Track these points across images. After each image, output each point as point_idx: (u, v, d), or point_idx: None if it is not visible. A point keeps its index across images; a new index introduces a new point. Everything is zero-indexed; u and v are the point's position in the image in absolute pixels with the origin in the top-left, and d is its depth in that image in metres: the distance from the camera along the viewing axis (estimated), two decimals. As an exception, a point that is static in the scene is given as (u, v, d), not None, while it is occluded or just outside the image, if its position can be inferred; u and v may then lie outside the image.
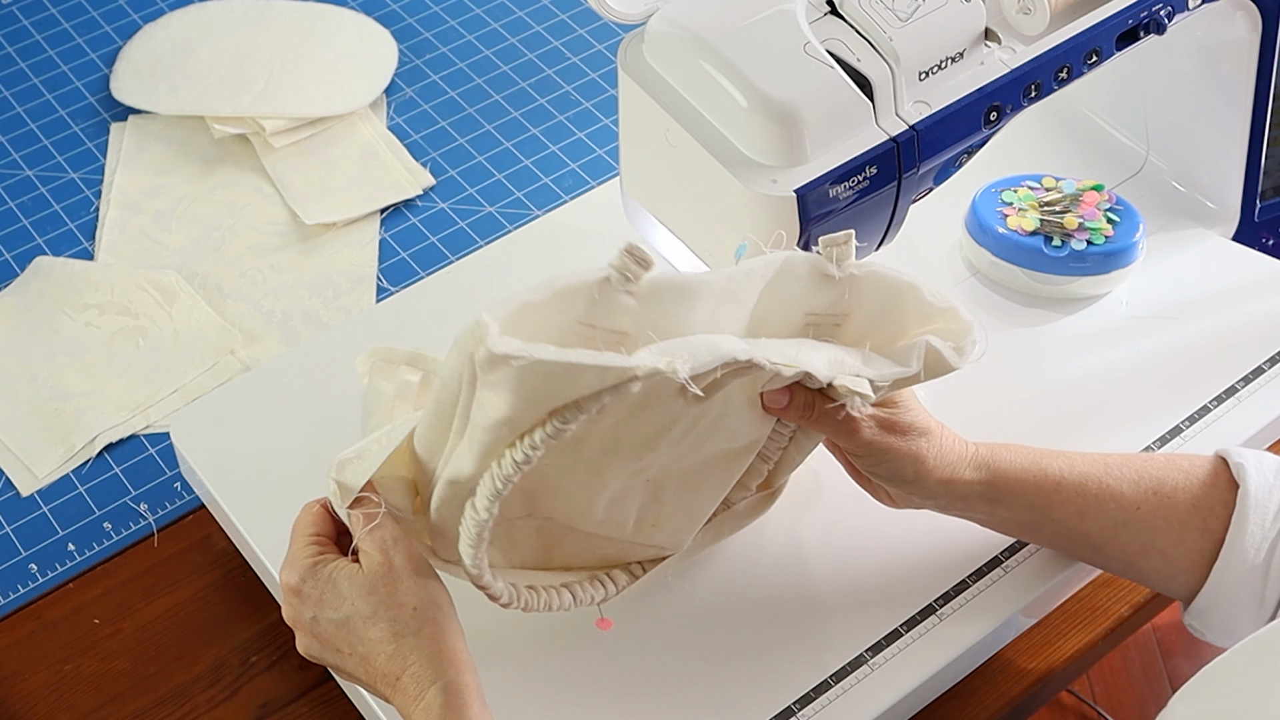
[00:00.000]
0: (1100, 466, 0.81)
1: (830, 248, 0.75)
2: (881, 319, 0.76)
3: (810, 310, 0.76)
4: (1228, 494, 0.80)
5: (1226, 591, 0.79)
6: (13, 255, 1.16)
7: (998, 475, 0.81)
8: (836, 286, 0.75)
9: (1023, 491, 0.81)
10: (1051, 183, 1.04)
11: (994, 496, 0.81)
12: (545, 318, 0.70)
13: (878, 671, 0.83)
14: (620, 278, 0.70)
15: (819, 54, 0.81)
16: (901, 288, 0.76)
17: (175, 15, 1.33)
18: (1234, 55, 0.99)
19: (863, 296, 0.76)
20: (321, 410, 0.96)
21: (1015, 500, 0.81)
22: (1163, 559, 0.81)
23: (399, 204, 1.19)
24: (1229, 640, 0.81)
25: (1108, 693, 1.75)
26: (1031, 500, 0.81)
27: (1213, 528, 0.79)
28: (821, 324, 0.77)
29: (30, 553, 0.98)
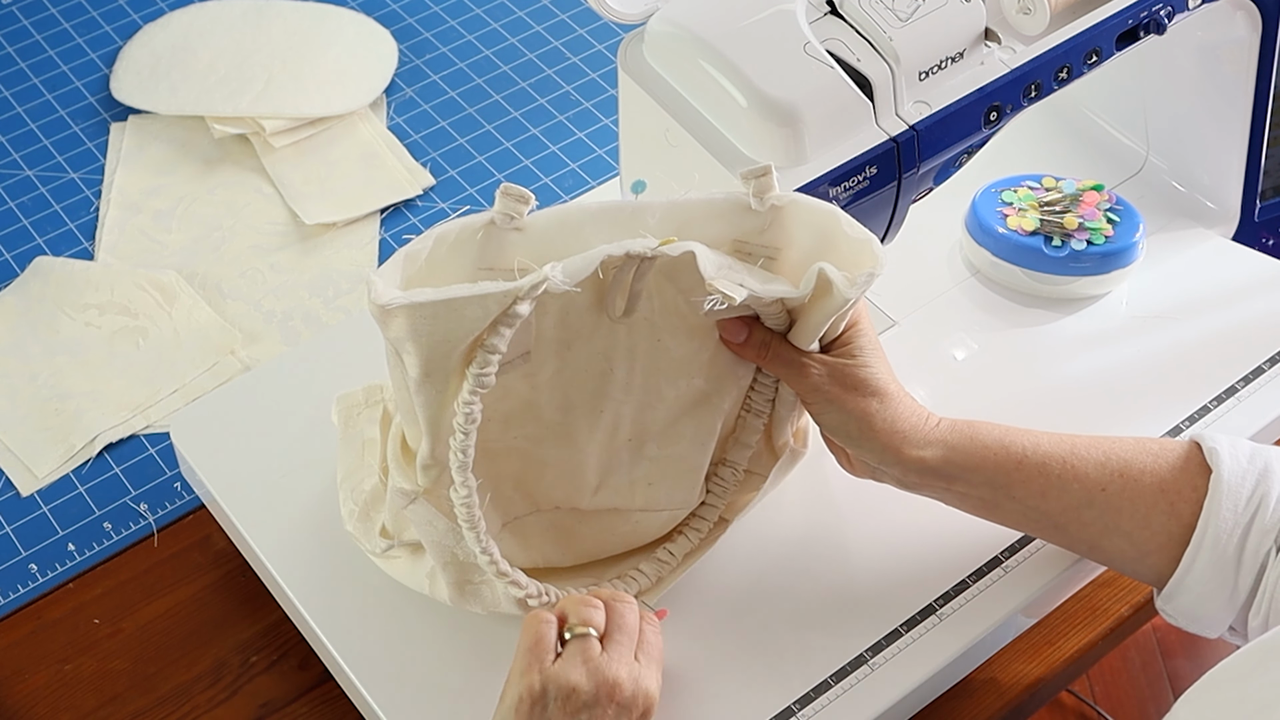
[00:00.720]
0: (1066, 447, 0.80)
1: (750, 180, 0.75)
2: (816, 251, 0.76)
3: (736, 237, 0.77)
4: (1198, 478, 0.78)
5: (1198, 577, 0.78)
6: (13, 255, 1.16)
7: (955, 452, 0.80)
8: (760, 216, 0.76)
9: (982, 469, 0.80)
10: (1051, 183, 1.04)
11: (951, 474, 0.80)
12: (446, 271, 0.73)
13: (878, 671, 0.83)
14: (505, 218, 0.74)
15: (819, 54, 0.81)
16: (824, 215, 0.76)
17: (175, 15, 1.33)
18: (1234, 55, 0.99)
19: (792, 229, 0.77)
20: (321, 410, 0.96)
21: (974, 478, 0.80)
22: (1128, 540, 0.80)
23: (399, 204, 1.19)
24: (1200, 627, 0.81)
25: (1108, 693, 1.75)
26: (991, 478, 0.80)
27: (1180, 511, 0.78)
28: (754, 253, 0.77)
29: (30, 553, 0.98)
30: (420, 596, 0.85)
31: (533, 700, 0.73)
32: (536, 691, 0.73)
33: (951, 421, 0.81)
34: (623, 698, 0.74)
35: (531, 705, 0.73)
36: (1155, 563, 0.80)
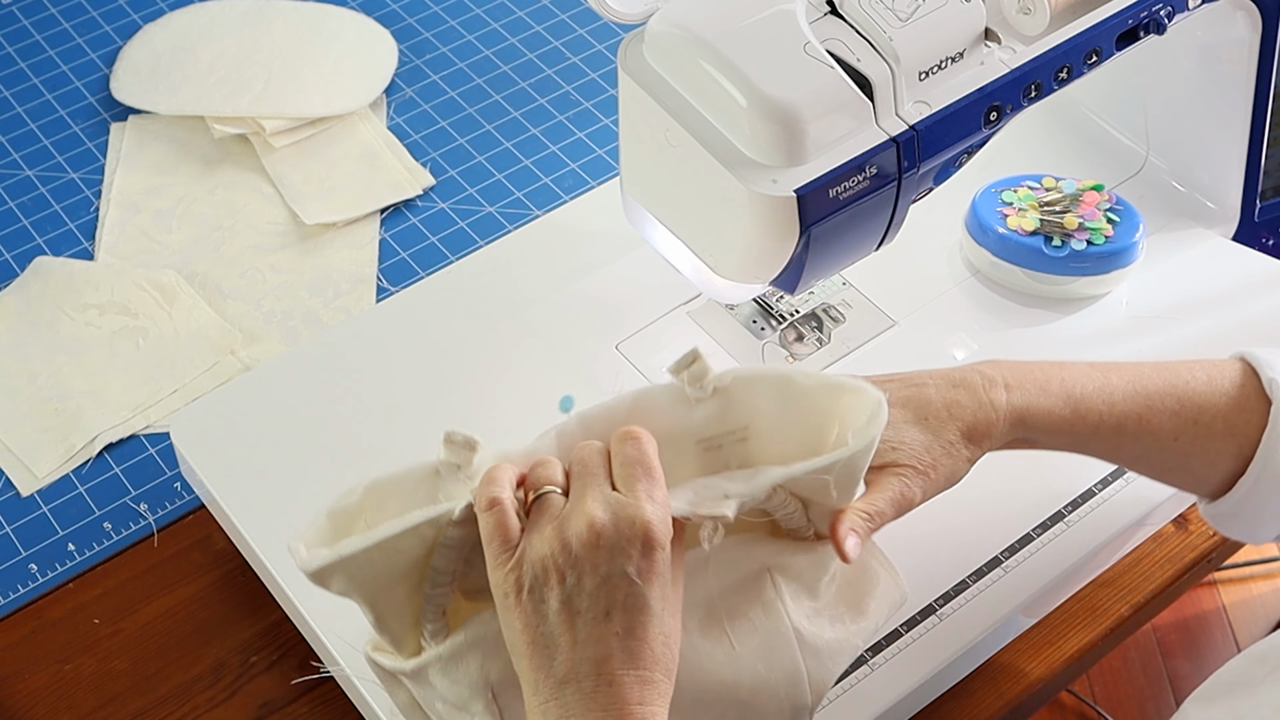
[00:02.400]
0: (1141, 402, 0.79)
1: (681, 371, 0.72)
2: (787, 415, 0.72)
3: (700, 437, 0.73)
4: (1259, 408, 0.80)
5: (1254, 502, 0.80)
6: (13, 255, 1.16)
7: (1031, 430, 0.79)
8: (710, 404, 0.72)
9: (1057, 437, 0.79)
10: (1051, 183, 1.04)
11: (1025, 442, 0.80)
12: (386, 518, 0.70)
13: (878, 671, 0.83)
14: (450, 467, 0.70)
15: (819, 54, 0.81)
16: (775, 380, 0.72)
17: (175, 15, 1.33)
18: (1234, 55, 0.99)
19: (750, 401, 0.73)
20: (321, 410, 0.96)
21: (1047, 443, 0.80)
22: (1192, 477, 0.82)
23: (399, 204, 1.19)
24: (1247, 537, 0.84)
25: (1108, 693, 1.75)
26: (1065, 443, 0.80)
27: (1244, 447, 0.80)
28: (725, 444, 0.73)
29: (30, 553, 0.98)
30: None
31: (517, 594, 0.66)
32: (514, 585, 0.66)
33: (1022, 393, 0.78)
34: (607, 538, 0.65)
35: (518, 601, 0.66)
36: (1212, 488, 0.82)
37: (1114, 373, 0.80)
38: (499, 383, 0.97)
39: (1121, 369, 0.81)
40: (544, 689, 0.66)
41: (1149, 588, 0.92)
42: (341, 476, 0.92)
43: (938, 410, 0.77)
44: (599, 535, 0.65)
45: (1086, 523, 0.90)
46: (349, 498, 0.71)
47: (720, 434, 0.73)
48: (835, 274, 0.98)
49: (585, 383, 0.98)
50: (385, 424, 0.95)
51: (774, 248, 0.83)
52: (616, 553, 0.65)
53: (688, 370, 0.72)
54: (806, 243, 0.82)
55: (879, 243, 0.88)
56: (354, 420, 0.96)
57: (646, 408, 0.72)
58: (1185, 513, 0.96)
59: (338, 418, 0.96)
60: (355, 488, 0.71)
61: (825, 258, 0.85)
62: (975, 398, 0.77)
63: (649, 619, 0.66)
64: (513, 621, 0.67)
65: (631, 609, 0.65)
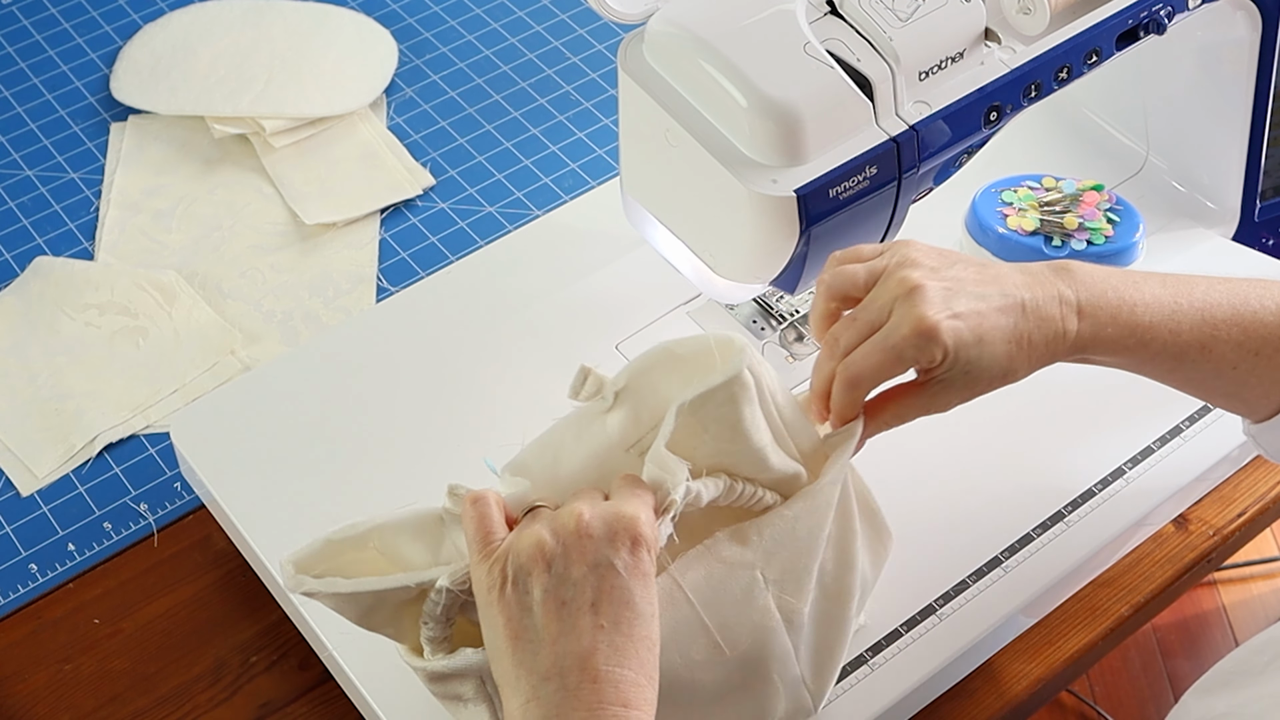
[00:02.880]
0: (1207, 332, 0.78)
1: (578, 392, 0.72)
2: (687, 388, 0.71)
3: (626, 445, 0.73)
4: None
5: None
6: (13, 255, 1.16)
7: (1090, 355, 0.77)
8: (620, 410, 0.73)
9: (1114, 360, 0.78)
10: (1051, 183, 1.04)
11: (1079, 360, 0.78)
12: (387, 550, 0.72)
13: (878, 671, 0.83)
14: (454, 516, 0.71)
15: (819, 54, 0.81)
16: (660, 360, 0.72)
17: (175, 15, 1.33)
18: (1234, 55, 0.99)
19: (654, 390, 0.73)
20: (321, 410, 0.96)
21: (1101, 363, 0.79)
22: (1243, 403, 0.81)
23: (399, 204, 1.19)
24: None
25: (1108, 693, 1.75)
26: (1121, 364, 0.79)
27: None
28: (649, 441, 0.72)
29: (30, 553, 0.98)
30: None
31: (500, 588, 0.65)
32: (498, 577, 0.65)
33: (1091, 321, 0.76)
34: (596, 530, 0.65)
35: (501, 595, 0.65)
36: (1260, 414, 0.81)
37: (1184, 296, 0.78)
38: (499, 383, 0.97)
39: (1192, 291, 0.78)
40: (524, 686, 0.64)
41: (1149, 588, 0.92)
42: (341, 476, 0.93)
43: (1025, 333, 0.74)
44: (588, 526, 0.65)
45: (1086, 523, 0.90)
46: (351, 530, 0.71)
47: (642, 434, 0.73)
48: (835, 274, 0.98)
49: (585, 383, 0.98)
50: (385, 424, 0.95)
51: (774, 248, 0.83)
52: (605, 545, 0.65)
53: (583, 388, 0.72)
54: (807, 243, 0.82)
55: (879, 243, 0.88)
56: (354, 420, 0.96)
57: (568, 440, 0.73)
58: (1185, 513, 0.96)
59: (338, 418, 0.96)
60: (360, 523, 0.71)
61: (825, 258, 0.85)
62: (1051, 327, 0.75)
63: (635, 617, 0.65)
64: (494, 618, 0.66)
65: (619, 603, 0.65)
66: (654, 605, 0.66)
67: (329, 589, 0.69)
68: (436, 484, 0.92)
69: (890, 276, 0.73)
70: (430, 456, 0.94)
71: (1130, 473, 0.92)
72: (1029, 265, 0.77)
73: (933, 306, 0.72)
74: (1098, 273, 0.77)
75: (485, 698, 0.72)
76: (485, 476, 0.87)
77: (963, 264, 0.75)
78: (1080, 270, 0.77)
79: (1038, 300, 0.75)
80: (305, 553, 0.71)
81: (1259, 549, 1.88)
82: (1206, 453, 0.94)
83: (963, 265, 0.75)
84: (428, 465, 0.93)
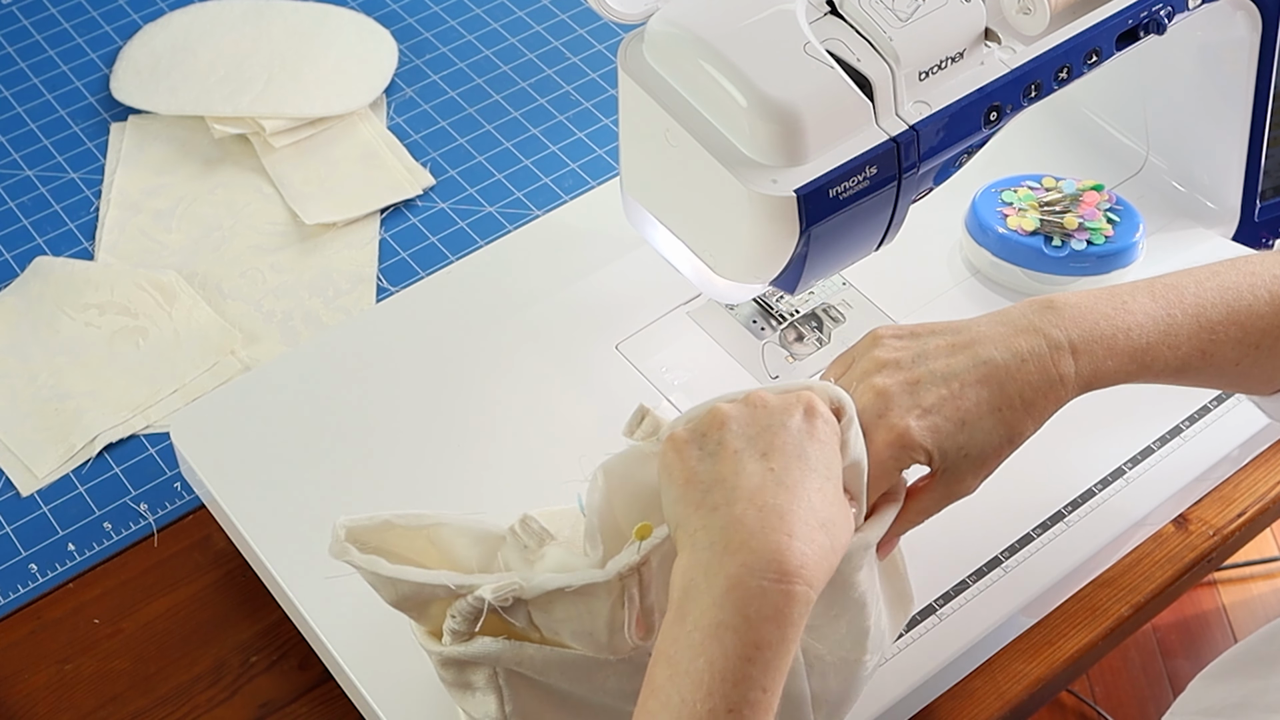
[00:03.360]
0: (1205, 338, 0.76)
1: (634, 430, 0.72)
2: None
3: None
4: None
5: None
6: (13, 255, 1.16)
7: (1093, 389, 0.76)
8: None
9: (1122, 382, 0.77)
10: (1051, 183, 1.04)
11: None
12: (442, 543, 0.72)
13: (878, 671, 0.83)
14: (518, 542, 0.72)
15: (819, 54, 0.81)
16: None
17: (175, 15, 1.33)
18: (1234, 55, 0.99)
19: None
20: (321, 410, 0.96)
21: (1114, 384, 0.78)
22: (1247, 389, 0.80)
23: (399, 204, 1.19)
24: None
25: (1108, 693, 1.75)
26: (1129, 381, 0.78)
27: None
28: None
29: (30, 553, 0.98)
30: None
31: (682, 444, 0.68)
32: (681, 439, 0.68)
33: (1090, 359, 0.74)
34: (771, 402, 0.68)
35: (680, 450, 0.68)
36: (1266, 391, 0.80)
37: (1176, 305, 0.76)
38: (499, 383, 0.97)
39: (1183, 298, 0.77)
40: (693, 521, 0.65)
41: (1149, 588, 0.92)
42: (341, 476, 0.93)
43: (1011, 397, 0.73)
44: (762, 398, 0.68)
45: (1086, 523, 0.90)
46: (416, 520, 0.71)
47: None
48: (835, 274, 0.98)
49: (585, 383, 0.98)
50: (385, 424, 0.95)
51: (774, 248, 0.83)
52: (778, 411, 0.68)
53: (639, 428, 0.72)
54: (806, 243, 0.82)
55: (879, 243, 0.88)
56: (354, 420, 0.96)
57: (625, 478, 0.72)
58: (1185, 513, 0.96)
59: (338, 418, 0.96)
60: (426, 515, 0.72)
61: (825, 258, 0.85)
62: (1044, 374, 0.73)
63: (806, 470, 0.66)
64: (672, 470, 0.67)
65: (790, 454, 0.66)
66: (830, 465, 0.67)
67: (371, 567, 0.69)
68: (436, 483, 0.92)
69: (859, 385, 0.73)
70: (430, 456, 0.94)
71: (1130, 473, 0.92)
72: (1009, 314, 0.75)
73: (897, 412, 0.71)
74: (1084, 302, 0.76)
75: (495, 688, 0.72)
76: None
77: (935, 337, 0.74)
78: (1066, 305, 0.75)
79: (1020, 355, 0.73)
80: (361, 524, 0.71)
81: (1259, 549, 1.88)
82: (1206, 453, 0.94)
83: (934, 339, 0.74)
84: (428, 465, 0.93)
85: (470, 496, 0.92)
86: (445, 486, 0.92)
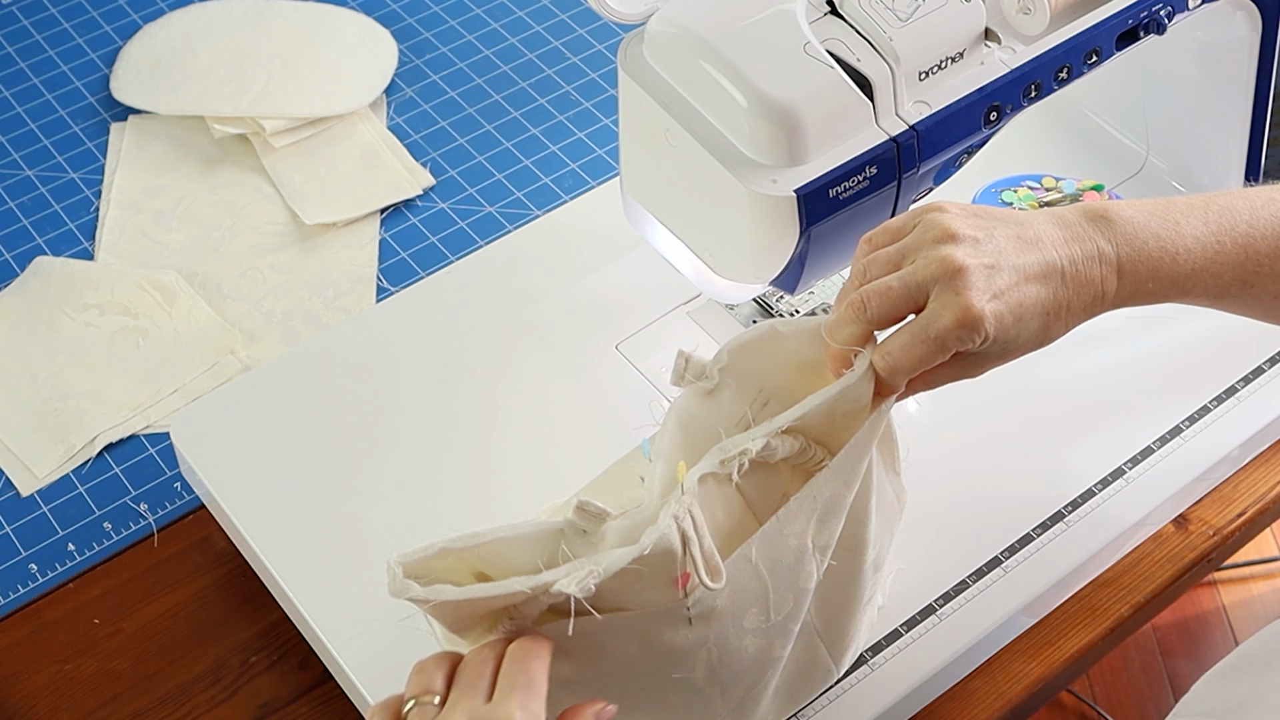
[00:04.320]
0: (1249, 270, 0.75)
1: (682, 377, 0.73)
2: (789, 366, 0.74)
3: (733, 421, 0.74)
4: None
5: None
6: (13, 255, 1.16)
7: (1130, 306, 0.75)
8: (725, 388, 0.74)
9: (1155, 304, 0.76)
10: (1051, 183, 1.04)
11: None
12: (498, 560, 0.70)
13: (878, 671, 0.83)
14: (576, 530, 0.71)
15: (819, 54, 0.81)
16: (765, 339, 0.74)
17: (175, 15, 1.33)
18: (1234, 55, 0.99)
19: (755, 367, 0.74)
20: (321, 410, 0.96)
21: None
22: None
23: (399, 204, 1.19)
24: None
25: (1108, 693, 1.75)
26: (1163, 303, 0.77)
27: None
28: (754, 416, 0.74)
29: (30, 553, 0.98)
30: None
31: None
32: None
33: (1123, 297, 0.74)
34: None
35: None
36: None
37: (1226, 233, 0.75)
38: (499, 382, 0.97)
39: (1235, 224, 0.75)
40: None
41: (1149, 588, 0.92)
42: (341, 476, 0.93)
43: (1060, 302, 0.73)
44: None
45: (1086, 523, 0.90)
46: (471, 540, 0.70)
47: (746, 409, 0.74)
48: (835, 274, 0.98)
49: (585, 383, 0.98)
50: (385, 424, 0.95)
51: (774, 248, 0.83)
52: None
53: (687, 372, 0.73)
54: (806, 243, 0.82)
55: (907, 211, 0.88)
56: (354, 420, 0.96)
57: (686, 419, 0.73)
58: (1185, 513, 0.96)
59: (338, 418, 0.96)
60: (481, 534, 0.70)
61: (825, 258, 0.85)
62: (1090, 291, 0.73)
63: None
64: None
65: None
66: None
67: (438, 597, 0.67)
68: (436, 483, 0.92)
69: (928, 252, 0.71)
70: (430, 456, 0.94)
71: (1130, 473, 0.92)
72: (1065, 217, 0.74)
73: (976, 292, 0.69)
74: (1138, 218, 0.74)
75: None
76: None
77: (1001, 225, 0.72)
78: (1120, 218, 0.74)
79: (1076, 263, 0.72)
80: (417, 557, 0.69)
81: (1259, 549, 1.88)
82: (1206, 453, 0.94)
83: (1002, 227, 0.72)
84: (428, 465, 0.93)
85: (470, 496, 0.92)
86: (445, 486, 0.92)
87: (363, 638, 0.85)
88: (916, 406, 0.96)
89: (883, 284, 0.71)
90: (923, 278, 0.70)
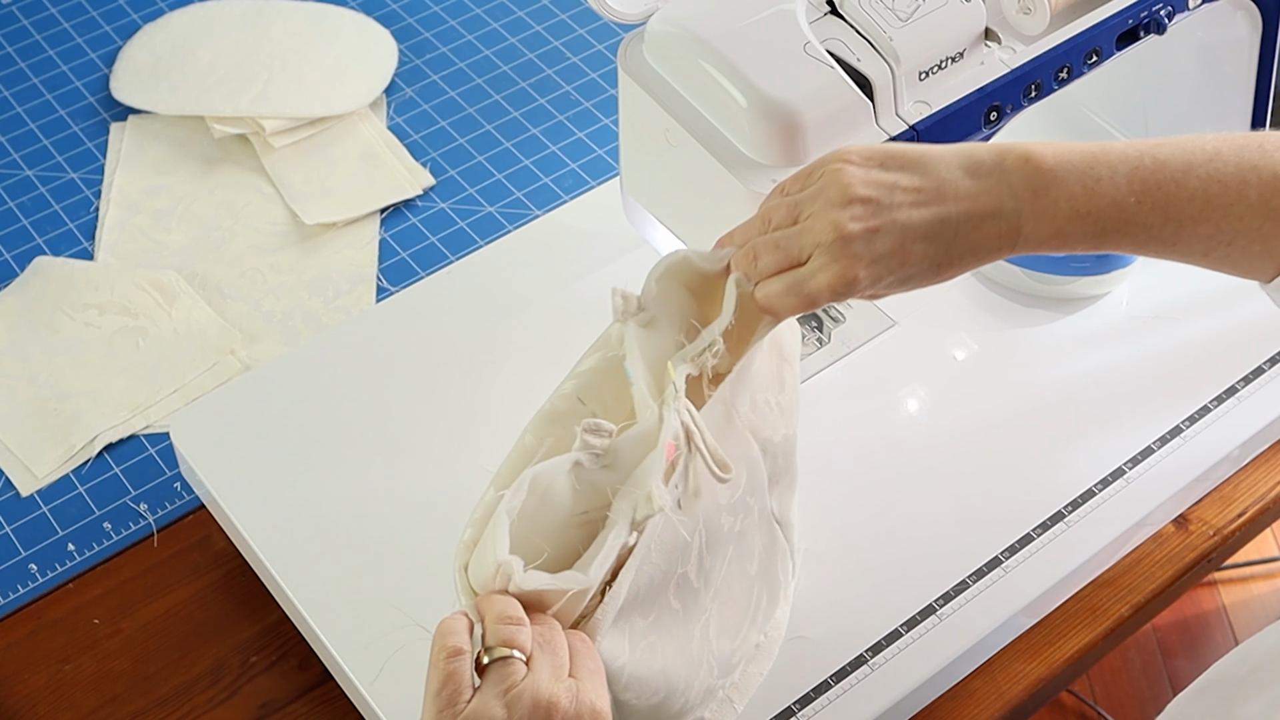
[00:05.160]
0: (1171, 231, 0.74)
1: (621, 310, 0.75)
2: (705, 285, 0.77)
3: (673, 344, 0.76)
4: None
5: None
6: (13, 255, 1.16)
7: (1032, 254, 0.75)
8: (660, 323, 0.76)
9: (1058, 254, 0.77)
10: (1051, 183, 1.04)
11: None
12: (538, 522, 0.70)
13: (878, 671, 0.83)
14: (592, 457, 0.71)
15: (819, 54, 0.81)
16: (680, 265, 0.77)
17: (175, 15, 1.33)
18: (1234, 55, 0.99)
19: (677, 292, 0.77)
20: (321, 410, 0.96)
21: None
22: (1227, 272, 0.77)
23: (399, 204, 1.19)
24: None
25: (1108, 693, 1.75)
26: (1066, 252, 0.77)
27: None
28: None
29: (30, 553, 0.98)
30: (421, 596, 0.85)
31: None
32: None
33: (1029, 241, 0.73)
34: (563, 717, 0.62)
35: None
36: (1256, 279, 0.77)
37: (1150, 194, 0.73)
38: (498, 382, 0.97)
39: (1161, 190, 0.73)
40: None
41: (1149, 588, 0.92)
42: (341, 476, 0.93)
43: (953, 255, 0.73)
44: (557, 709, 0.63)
45: (1086, 523, 0.90)
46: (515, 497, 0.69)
47: (680, 335, 0.76)
48: (835, 274, 0.98)
49: (585, 383, 0.97)
50: (385, 423, 0.95)
51: (774, 248, 0.83)
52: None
53: (626, 306, 0.75)
54: (806, 243, 0.82)
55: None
56: (354, 420, 0.96)
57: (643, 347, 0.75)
58: (1185, 513, 0.96)
59: (338, 418, 0.96)
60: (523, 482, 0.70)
61: (825, 258, 0.85)
62: (989, 239, 0.73)
63: None
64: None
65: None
66: None
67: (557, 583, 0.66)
68: (436, 483, 0.92)
69: (821, 214, 0.72)
70: (430, 456, 0.94)
71: (1130, 473, 0.92)
72: (983, 162, 0.73)
73: (853, 260, 0.71)
74: (1058, 169, 0.73)
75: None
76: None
77: (903, 174, 0.72)
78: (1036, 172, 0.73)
79: (973, 219, 0.72)
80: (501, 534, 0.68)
81: (1259, 549, 1.88)
82: (1206, 453, 0.94)
83: (905, 178, 0.72)
84: (427, 464, 0.93)
85: (470, 496, 0.92)
86: (445, 486, 0.92)
87: (363, 638, 0.85)
88: (917, 406, 0.96)
89: (772, 240, 0.74)
90: (808, 241, 0.72)
